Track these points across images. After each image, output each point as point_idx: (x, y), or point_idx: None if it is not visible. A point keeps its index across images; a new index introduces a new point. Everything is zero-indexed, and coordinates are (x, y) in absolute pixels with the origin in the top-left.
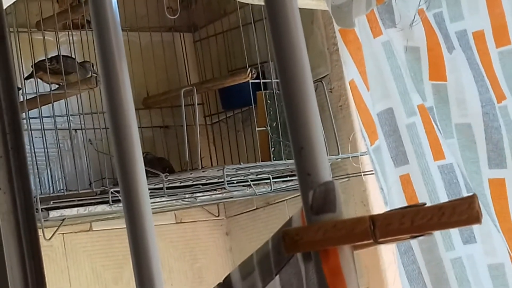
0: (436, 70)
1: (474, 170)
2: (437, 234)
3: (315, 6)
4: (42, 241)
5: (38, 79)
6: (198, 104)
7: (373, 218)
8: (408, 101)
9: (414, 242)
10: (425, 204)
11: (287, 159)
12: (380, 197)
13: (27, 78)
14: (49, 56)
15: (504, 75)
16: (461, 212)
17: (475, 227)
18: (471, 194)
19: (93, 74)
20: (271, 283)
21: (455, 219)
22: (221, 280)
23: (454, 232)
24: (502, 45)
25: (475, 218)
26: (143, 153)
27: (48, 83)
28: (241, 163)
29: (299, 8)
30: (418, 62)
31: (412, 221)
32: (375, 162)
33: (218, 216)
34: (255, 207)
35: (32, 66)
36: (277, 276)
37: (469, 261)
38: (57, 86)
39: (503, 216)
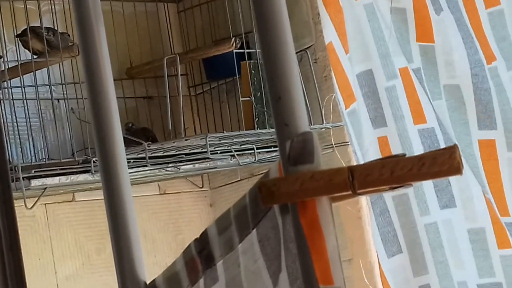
0: (424, 32)
1: (463, 131)
2: (412, 198)
3: None
4: (24, 211)
5: (21, 45)
6: (182, 75)
7: (352, 169)
8: (389, 64)
9: (390, 204)
10: (405, 155)
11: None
12: None
13: (19, 36)
14: (46, 26)
15: (494, 36)
16: (442, 163)
17: (456, 192)
18: (451, 144)
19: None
20: (248, 237)
21: (436, 170)
22: (198, 236)
23: (431, 197)
24: (491, 5)
25: (456, 168)
26: (127, 124)
27: (33, 49)
28: (225, 132)
29: None
30: (405, 23)
31: (392, 172)
32: (349, 126)
33: (202, 187)
34: (239, 179)
35: (27, 29)
36: (254, 230)
37: (446, 226)
38: (36, 56)
39: (493, 177)
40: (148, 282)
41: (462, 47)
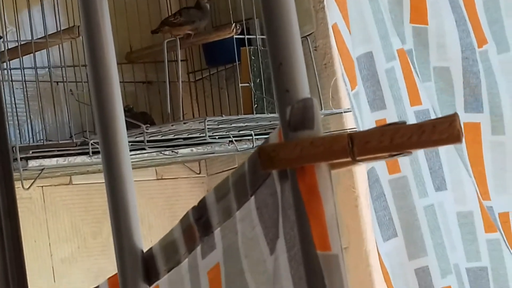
0: (418, 13)
1: (450, 113)
2: (411, 181)
3: None
4: (21, 193)
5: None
6: (181, 61)
7: (352, 136)
8: (388, 45)
9: (386, 188)
10: (405, 122)
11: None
12: None
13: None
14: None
15: (487, 19)
16: (441, 131)
17: (447, 174)
18: (452, 113)
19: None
20: (246, 204)
21: (436, 138)
22: (196, 204)
23: (428, 178)
24: None
25: (456, 137)
26: (127, 106)
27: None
28: (223, 116)
29: None
30: (399, 5)
31: (392, 139)
32: (355, 107)
33: (199, 173)
34: (237, 165)
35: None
36: (252, 197)
37: (440, 208)
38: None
39: (476, 160)
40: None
41: (455, 30)
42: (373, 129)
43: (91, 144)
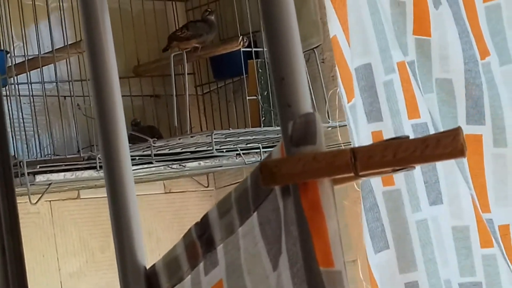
0: (421, 25)
1: (451, 124)
2: (405, 194)
3: None
4: (29, 208)
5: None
6: (189, 74)
7: (355, 151)
8: (388, 58)
9: (380, 200)
10: (409, 137)
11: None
12: None
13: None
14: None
15: (489, 31)
16: (445, 145)
17: (443, 188)
18: (456, 127)
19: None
20: (249, 220)
21: (439, 152)
22: (199, 220)
23: (422, 193)
24: None
25: (460, 151)
26: (134, 120)
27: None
28: (230, 129)
29: None
30: (403, 16)
31: (395, 154)
32: (350, 120)
33: (207, 187)
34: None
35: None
36: (255, 212)
37: (434, 223)
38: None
39: (477, 172)
40: (148, 267)
41: (458, 42)
42: (376, 144)
43: (98, 159)
